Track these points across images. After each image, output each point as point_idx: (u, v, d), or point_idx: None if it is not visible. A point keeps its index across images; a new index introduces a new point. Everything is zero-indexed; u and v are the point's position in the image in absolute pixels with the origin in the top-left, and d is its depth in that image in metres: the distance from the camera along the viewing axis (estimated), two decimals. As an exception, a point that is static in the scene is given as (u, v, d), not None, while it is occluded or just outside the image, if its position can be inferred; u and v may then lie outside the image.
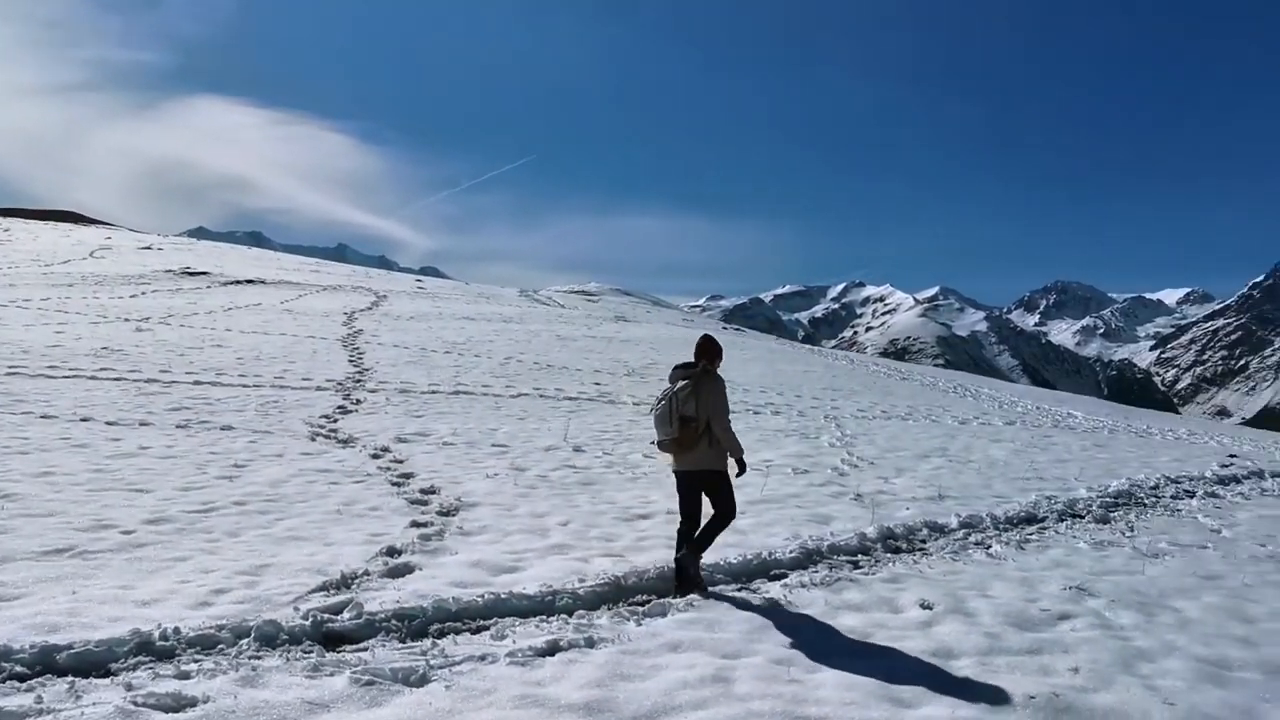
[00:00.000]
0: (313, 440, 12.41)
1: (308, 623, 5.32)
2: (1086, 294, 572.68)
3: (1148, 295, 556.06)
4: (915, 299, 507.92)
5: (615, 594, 6.32)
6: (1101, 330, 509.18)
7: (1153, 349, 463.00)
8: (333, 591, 6.06)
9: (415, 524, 8.13)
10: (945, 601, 6.39)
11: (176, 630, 5.12)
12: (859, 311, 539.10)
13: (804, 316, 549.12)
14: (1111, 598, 6.68)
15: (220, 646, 5.03)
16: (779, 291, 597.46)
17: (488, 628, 5.55)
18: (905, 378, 31.94)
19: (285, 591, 5.99)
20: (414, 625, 5.46)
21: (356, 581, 6.32)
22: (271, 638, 5.14)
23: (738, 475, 6.63)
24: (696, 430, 6.39)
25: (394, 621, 5.46)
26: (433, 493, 9.51)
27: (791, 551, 7.49)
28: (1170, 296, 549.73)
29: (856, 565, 7.43)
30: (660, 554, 7.42)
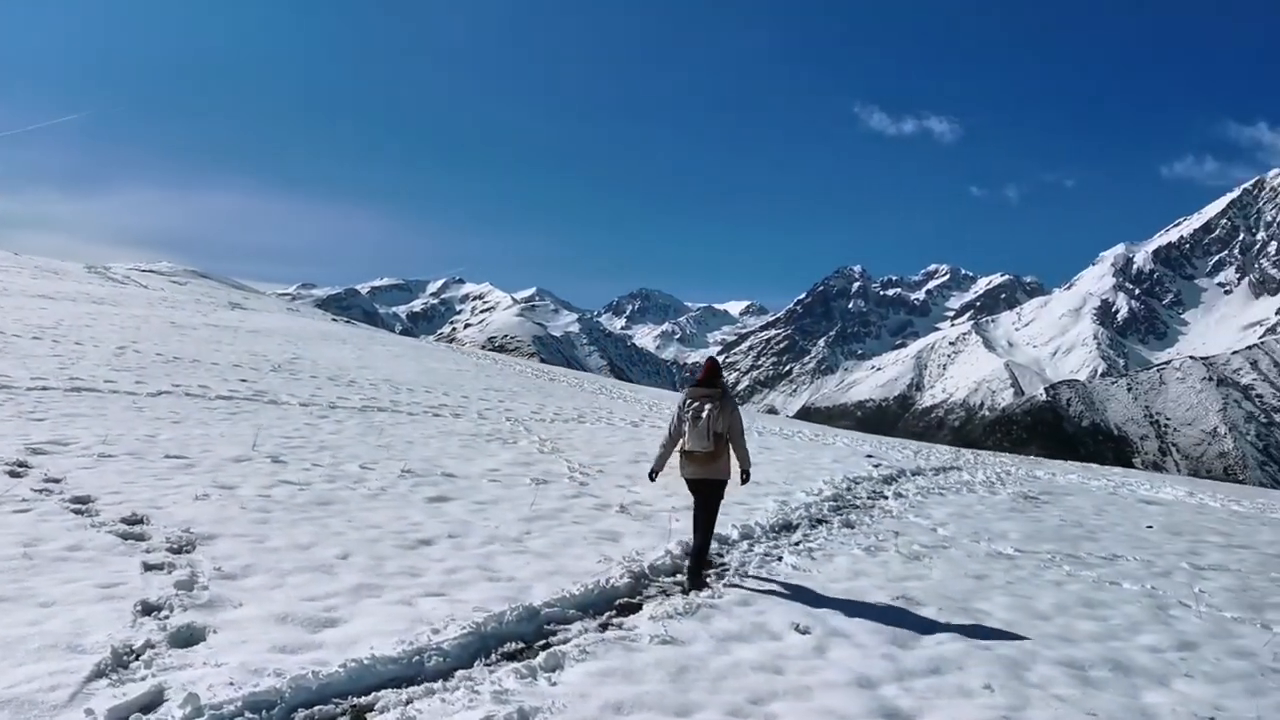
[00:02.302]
0: (-106, 453, 9.48)
1: (128, 732, 3.79)
2: (666, 302, 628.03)
3: (717, 306, 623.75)
4: (514, 298, 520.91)
5: (481, 644, 5.36)
6: (678, 336, 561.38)
7: (720, 354, 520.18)
8: (117, 676, 4.43)
9: (149, 567, 6.38)
10: (812, 623, 6.26)
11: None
12: (458, 308, 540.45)
13: (402, 310, 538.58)
14: (936, 605, 7.02)
15: (8, 787, 3.40)
16: (376, 284, 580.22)
17: (371, 707, 4.36)
18: (553, 379, 32.33)
19: (48, 685, 4.25)
20: (274, 716, 4.13)
21: (141, 658, 4.70)
22: (81, 762, 3.58)
23: (743, 483, 7.62)
24: (724, 445, 7.20)
25: (249, 714, 4.07)
26: (140, 522, 7.59)
27: (622, 578, 6.95)
28: (735, 308, 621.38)
29: (688, 589, 7.08)
30: (484, 590, 6.49)
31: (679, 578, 7.40)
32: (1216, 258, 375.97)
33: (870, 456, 18.40)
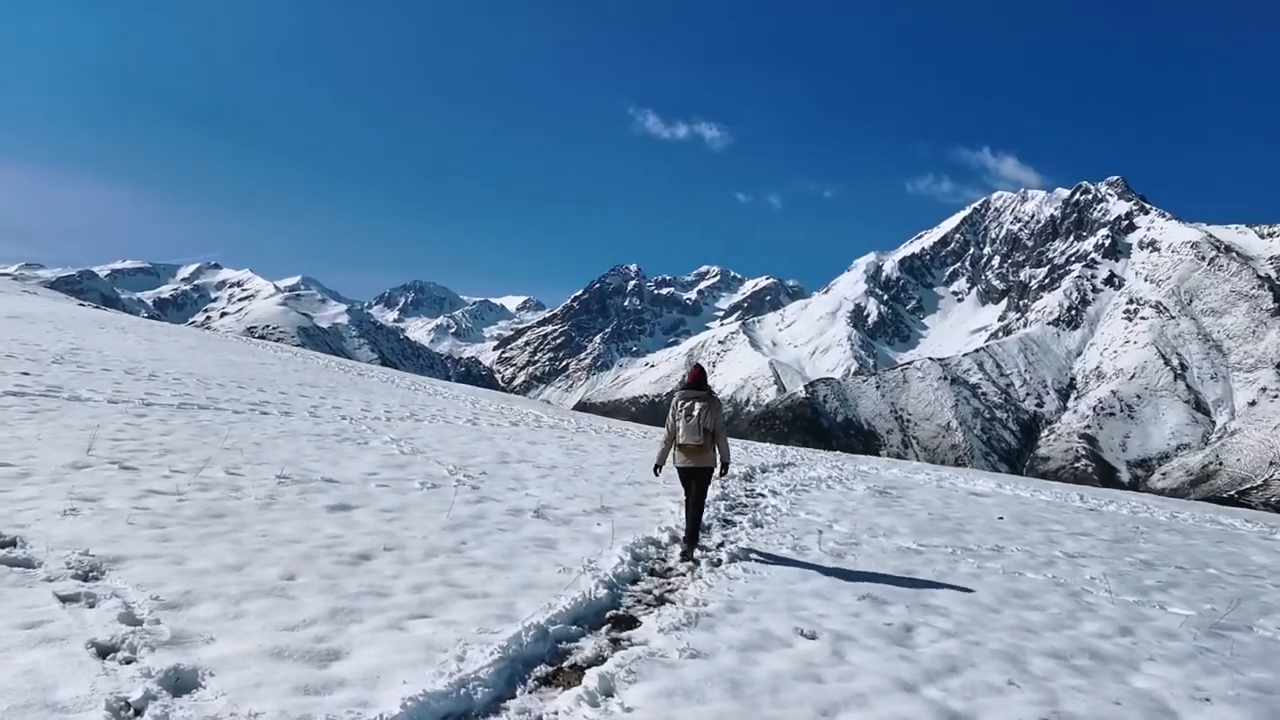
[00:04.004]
0: None
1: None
2: (441, 295, 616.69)
3: (494, 300, 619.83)
4: (276, 286, 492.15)
5: (512, 669, 4.93)
6: (453, 330, 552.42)
7: (495, 349, 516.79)
8: (137, 739, 3.66)
9: (65, 599, 5.38)
10: (811, 627, 6.23)
11: None
12: (213, 295, 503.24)
13: (148, 296, 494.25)
14: (903, 603, 7.19)
15: None
16: (117, 266, 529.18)
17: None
18: (362, 374, 30.75)
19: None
20: (359, 773, 3.55)
21: (147, 712, 3.92)
22: None
23: (721, 474, 8.62)
24: (711, 439, 8.35)
25: (335, 774, 3.48)
26: (14, 545, 6.42)
27: (599, 589, 6.65)
28: (512, 303, 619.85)
29: (662, 599, 6.87)
30: (469, 609, 5.97)
31: (643, 585, 7.20)
32: (951, 268, 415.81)
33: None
